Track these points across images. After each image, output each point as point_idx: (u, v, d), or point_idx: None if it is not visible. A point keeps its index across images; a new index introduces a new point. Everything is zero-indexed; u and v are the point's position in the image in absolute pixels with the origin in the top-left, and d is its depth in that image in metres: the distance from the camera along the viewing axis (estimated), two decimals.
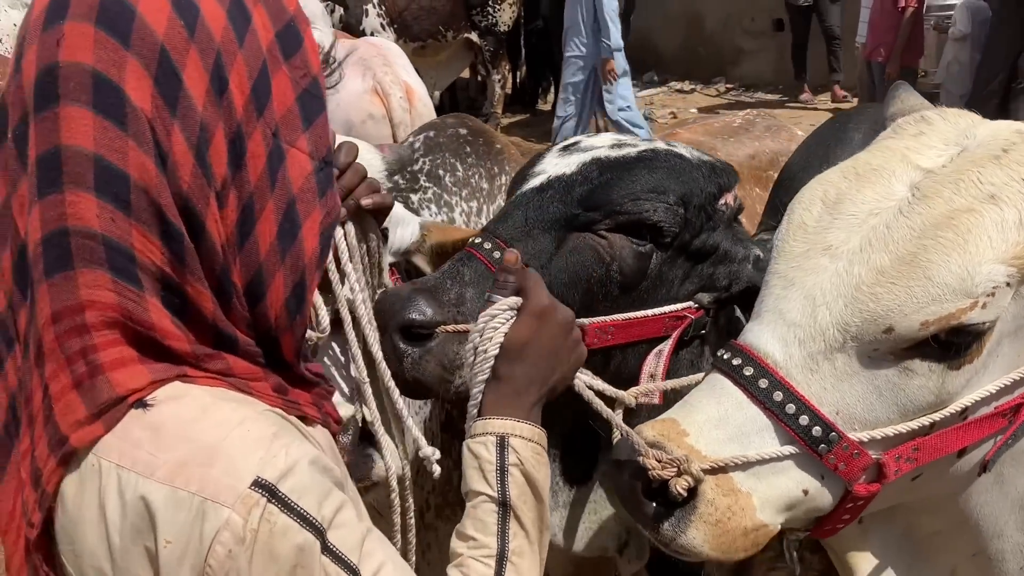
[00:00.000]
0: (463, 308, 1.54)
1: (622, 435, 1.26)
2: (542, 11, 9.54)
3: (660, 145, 1.76)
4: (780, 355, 1.18)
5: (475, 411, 1.25)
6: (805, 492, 1.19)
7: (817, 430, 1.16)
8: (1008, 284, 1.13)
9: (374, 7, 8.21)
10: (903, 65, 7.77)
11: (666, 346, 1.62)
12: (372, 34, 8.06)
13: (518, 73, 10.75)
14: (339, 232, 1.41)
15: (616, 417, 1.38)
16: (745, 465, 1.18)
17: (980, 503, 1.30)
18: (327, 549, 1.00)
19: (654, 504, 1.18)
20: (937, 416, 1.17)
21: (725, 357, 1.22)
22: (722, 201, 1.70)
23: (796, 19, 10.22)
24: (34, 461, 1.00)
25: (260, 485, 0.96)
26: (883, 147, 1.27)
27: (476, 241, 1.63)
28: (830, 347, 1.17)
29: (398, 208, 1.89)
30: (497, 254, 1.58)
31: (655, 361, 1.61)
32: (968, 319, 1.12)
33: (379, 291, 1.57)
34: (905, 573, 1.37)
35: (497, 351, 1.24)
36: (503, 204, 1.75)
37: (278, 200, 1.03)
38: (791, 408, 1.16)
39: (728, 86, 11.74)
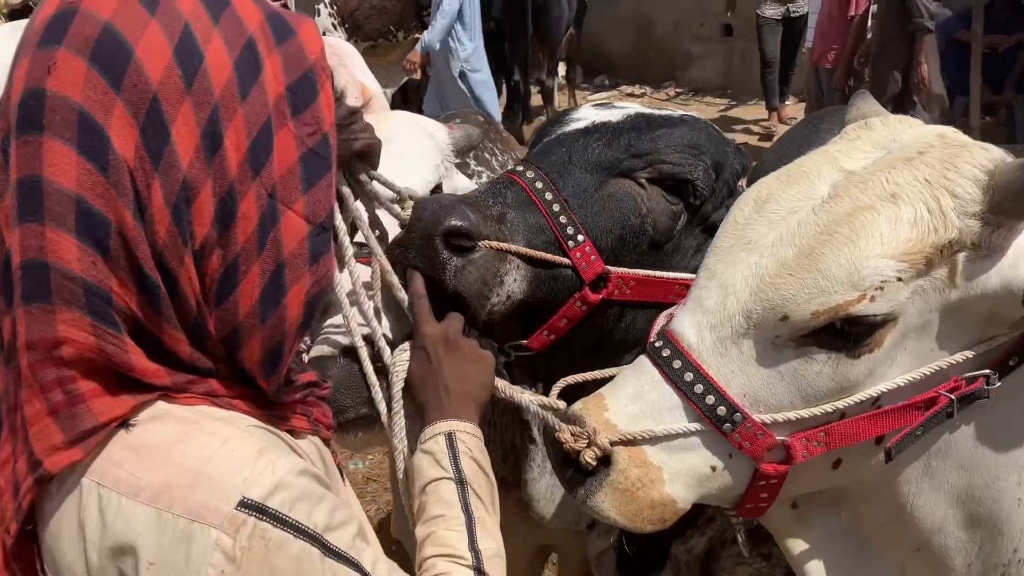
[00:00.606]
0: (504, 227, 1.52)
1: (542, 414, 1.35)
2: (493, 13, 9.52)
3: (698, 115, 1.78)
4: (694, 339, 1.26)
5: (401, 445, 1.36)
6: (713, 469, 1.26)
7: (722, 409, 1.23)
8: (900, 279, 1.17)
9: (326, 7, 8.13)
10: (850, 72, 7.90)
11: (676, 310, 1.64)
12: (324, 33, 7.97)
13: None
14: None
15: (531, 401, 1.40)
16: (655, 440, 1.25)
17: (913, 494, 1.33)
18: (329, 551, 1.01)
19: (572, 471, 1.28)
20: (841, 404, 1.23)
21: (651, 341, 1.30)
22: (741, 182, 1.72)
23: (767, 36, 9.24)
24: (15, 473, 0.99)
25: (246, 505, 0.96)
26: (820, 151, 1.32)
27: (519, 169, 1.62)
28: (736, 333, 1.23)
29: (463, 180, 1.87)
30: (539, 184, 1.57)
31: (665, 321, 1.63)
32: (856, 310, 1.17)
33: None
34: (852, 566, 1.41)
35: (401, 389, 1.35)
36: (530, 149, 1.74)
37: (265, 263, 1.00)
38: (699, 388, 1.24)
39: (677, 90, 11.85)
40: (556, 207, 1.56)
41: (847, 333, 1.20)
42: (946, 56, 8.34)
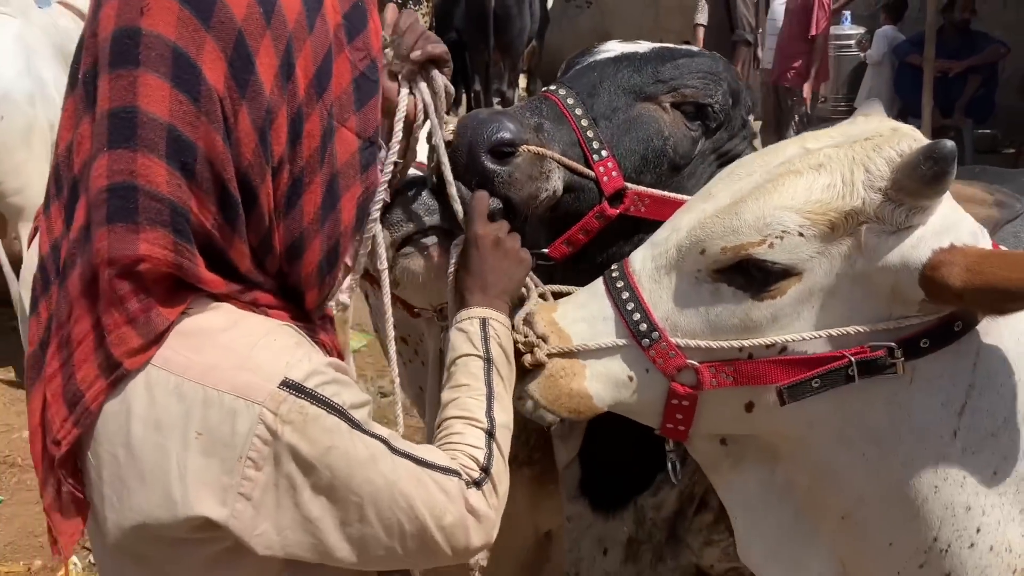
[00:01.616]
0: (542, 135, 1.62)
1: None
2: (455, 23, 9.56)
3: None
4: (638, 266, 1.42)
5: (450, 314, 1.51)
6: (630, 378, 1.41)
7: (644, 326, 1.39)
8: (801, 235, 1.29)
9: None
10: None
11: None
12: None
13: None
14: (421, 87, 1.48)
15: (532, 302, 1.54)
16: (585, 349, 1.41)
17: (830, 459, 1.40)
18: (356, 425, 1.12)
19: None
20: (747, 343, 1.35)
21: (611, 267, 1.46)
22: (751, 118, 1.85)
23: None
24: (71, 383, 1.07)
25: (288, 385, 1.07)
26: (799, 135, 1.45)
27: (552, 87, 1.72)
28: (669, 264, 1.39)
29: None
30: (571, 101, 1.67)
31: None
32: (755, 252, 1.30)
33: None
34: (789, 528, 1.49)
35: (455, 272, 1.51)
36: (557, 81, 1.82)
37: (324, 174, 1.12)
38: (631, 306, 1.40)
39: None
40: (584, 122, 1.66)
41: (752, 275, 1.32)
42: (898, 79, 8.57)
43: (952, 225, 1.31)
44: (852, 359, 1.30)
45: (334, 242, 1.17)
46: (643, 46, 1.80)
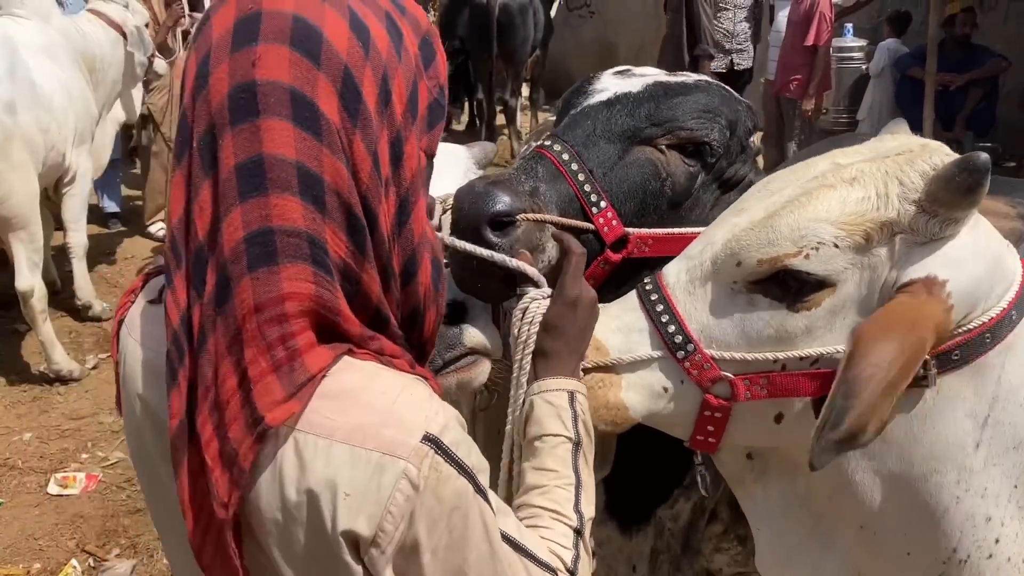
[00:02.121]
0: (537, 200, 1.65)
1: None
2: (459, 31, 9.58)
3: (709, 78, 1.91)
4: (672, 278, 1.45)
5: (524, 377, 1.47)
6: (665, 389, 1.43)
7: (679, 338, 1.41)
8: (836, 246, 1.30)
9: None
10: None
11: None
12: None
13: None
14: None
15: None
16: (622, 363, 1.44)
17: (852, 469, 1.40)
18: (479, 490, 1.14)
19: None
20: (782, 355, 1.36)
21: (644, 280, 1.49)
22: (753, 138, 1.86)
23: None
24: (226, 445, 1.08)
25: (428, 439, 1.09)
26: (830, 152, 1.47)
27: (547, 143, 1.75)
28: (704, 275, 1.41)
29: None
30: (566, 156, 1.70)
31: None
32: (792, 263, 1.32)
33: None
34: (807, 535, 1.50)
35: (536, 334, 1.47)
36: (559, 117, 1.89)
37: (424, 194, 1.19)
38: (665, 317, 1.42)
39: None
40: (581, 176, 1.69)
41: (788, 286, 1.33)
42: (900, 92, 8.59)
43: (986, 239, 1.34)
44: None
45: (435, 257, 1.23)
46: (636, 83, 1.80)
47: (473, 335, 1.71)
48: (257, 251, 1.06)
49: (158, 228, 7.32)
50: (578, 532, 1.32)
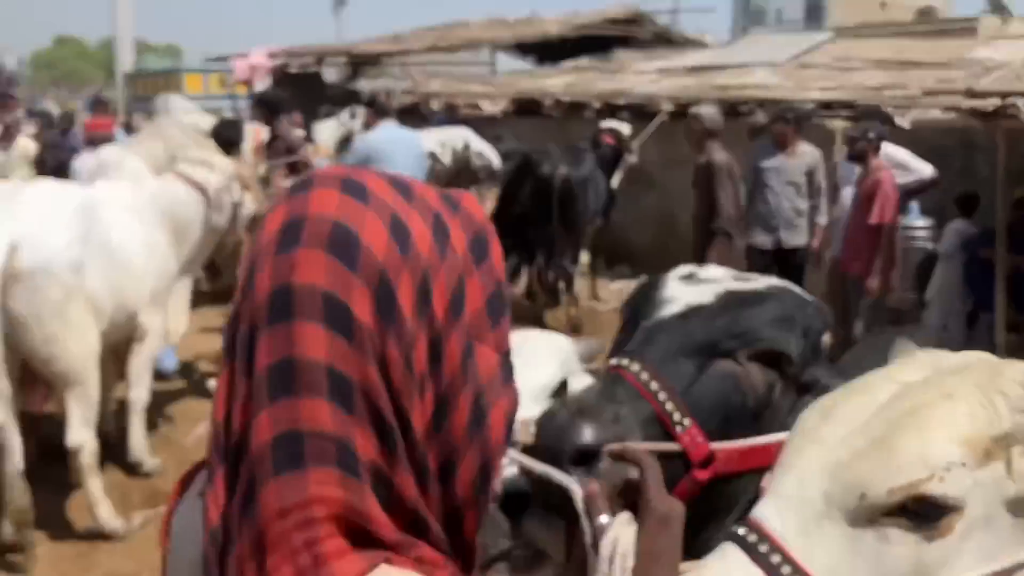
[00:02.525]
0: (619, 427, 1.62)
1: None
2: (520, 199, 9.76)
3: (777, 282, 1.91)
4: (777, 524, 1.33)
5: None
6: None
7: None
8: (963, 464, 1.27)
9: None
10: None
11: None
12: None
13: None
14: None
15: None
16: None
17: None
18: None
19: None
20: None
21: (734, 530, 1.37)
22: (824, 337, 1.86)
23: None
24: None
25: None
26: (874, 372, 1.46)
27: (624, 363, 1.71)
28: (818, 515, 1.31)
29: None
30: (645, 376, 1.68)
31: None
32: (927, 489, 1.26)
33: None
34: None
35: (632, 561, 1.34)
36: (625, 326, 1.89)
37: (468, 392, 1.14)
38: (786, 569, 1.30)
39: None
40: (662, 396, 1.66)
41: (921, 515, 1.27)
42: (970, 273, 8.45)
43: None
44: None
45: (486, 458, 1.18)
46: (707, 292, 1.80)
47: (533, 529, 1.63)
48: (283, 454, 1.05)
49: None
50: None
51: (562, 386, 2.17)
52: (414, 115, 12.66)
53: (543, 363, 1.96)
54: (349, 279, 1.06)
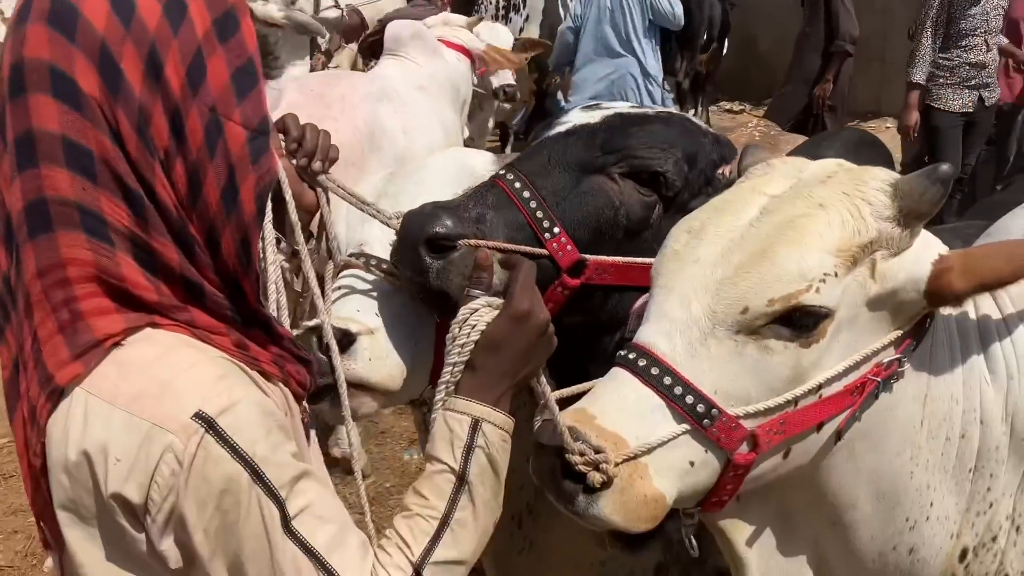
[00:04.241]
0: (483, 226, 1.68)
1: (552, 423, 1.37)
2: None
3: (675, 110, 1.92)
4: (666, 346, 1.37)
5: (449, 388, 1.39)
6: (691, 464, 1.37)
7: (701, 407, 1.34)
8: (836, 274, 1.35)
9: None
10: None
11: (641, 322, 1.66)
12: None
13: None
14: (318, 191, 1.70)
15: (556, 411, 1.40)
16: (649, 448, 1.34)
17: (837, 475, 1.49)
18: (259, 480, 1.16)
19: (569, 482, 1.34)
20: (798, 391, 1.37)
21: (622, 354, 1.41)
22: (721, 170, 1.83)
23: (947, 143, 6.48)
24: (29, 400, 1.17)
25: (200, 417, 1.13)
26: (737, 186, 1.54)
27: (501, 173, 1.76)
28: (703, 333, 1.36)
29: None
30: (518, 185, 1.72)
31: (641, 304, 1.64)
32: (805, 299, 1.33)
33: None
34: (778, 543, 1.55)
35: (474, 343, 1.38)
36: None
37: (218, 167, 1.19)
38: (679, 390, 1.35)
39: None
40: (533, 204, 1.71)
41: (798, 323, 1.35)
42: None
43: (926, 237, 1.45)
44: (879, 381, 1.41)
45: (243, 233, 1.22)
46: (596, 115, 1.82)
47: (352, 367, 1.68)
48: (36, 220, 1.13)
49: None
50: (417, 571, 1.28)
51: None
52: None
53: (439, 186, 1.91)
54: (71, 51, 1.12)
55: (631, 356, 1.38)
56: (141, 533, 1.15)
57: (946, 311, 1.51)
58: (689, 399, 1.33)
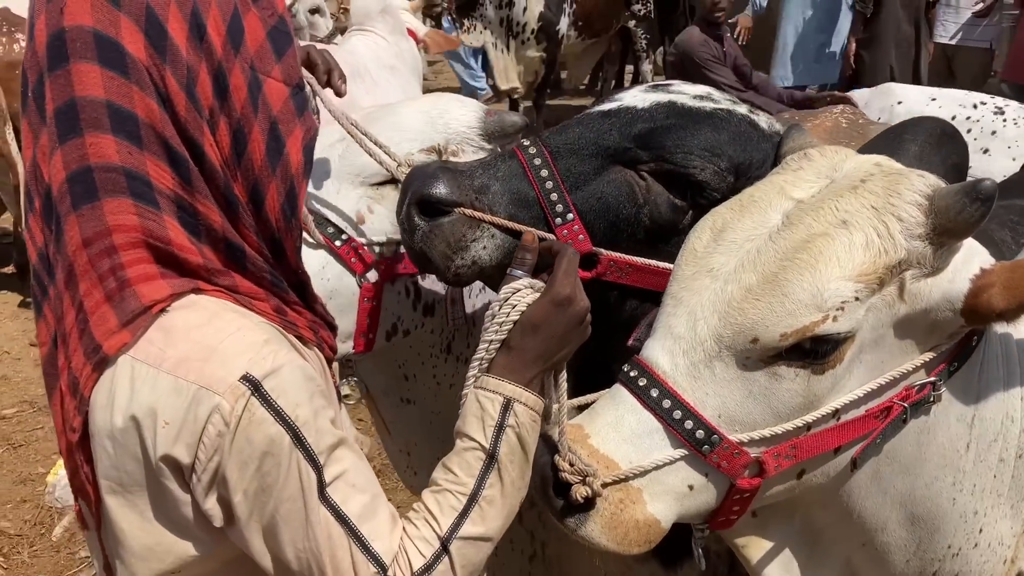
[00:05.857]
0: (484, 197, 1.59)
1: (557, 435, 1.36)
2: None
3: (740, 108, 1.71)
4: (668, 366, 1.32)
5: (483, 366, 1.37)
6: (691, 488, 1.32)
7: (700, 433, 1.30)
8: (857, 299, 1.26)
9: (568, 7, 8.34)
10: None
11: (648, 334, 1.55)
12: (562, 37, 8.26)
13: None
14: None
15: (565, 419, 1.40)
16: (643, 472, 1.31)
17: (861, 498, 1.42)
18: (300, 444, 1.17)
19: (561, 500, 1.32)
20: (810, 417, 1.30)
21: (625, 370, 1.36)
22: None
23: None
24: (70, 372, 1.17)
25: (247, 379, 1.14)
26: (767, 181, 1.42)
27: (524, 143, 1.67)
28: (709, 356, 1.30)
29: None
30: (538, 161, 1.62)
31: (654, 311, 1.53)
32: (821, 330, 1.25)
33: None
34: (806, 561, 1.50)
35: (512, 323, 1.36)
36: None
37: (262, 122, 1.21)
38: (678, 414, 1.30)
39: None
40: (550, 184, 1.61)
41: (812, 351, 1.27)
42: None
43: (970, 248, 1.33)
44: (907, 406, 1.32)
45: (289, 184, 1.25)
46: (648, 100, 1.67)
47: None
48: (79, 189, 1.13)
49: None
50: (444, 546, 1.27)
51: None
52: None
53: (404, 140, 1.87)
54: (115, 15, 1.12)
55: (632, 374, 1.34)
56: (187, 494, 1.17)
57: (1000, 327, 1.40)
58: (688, 424, 1.29)
